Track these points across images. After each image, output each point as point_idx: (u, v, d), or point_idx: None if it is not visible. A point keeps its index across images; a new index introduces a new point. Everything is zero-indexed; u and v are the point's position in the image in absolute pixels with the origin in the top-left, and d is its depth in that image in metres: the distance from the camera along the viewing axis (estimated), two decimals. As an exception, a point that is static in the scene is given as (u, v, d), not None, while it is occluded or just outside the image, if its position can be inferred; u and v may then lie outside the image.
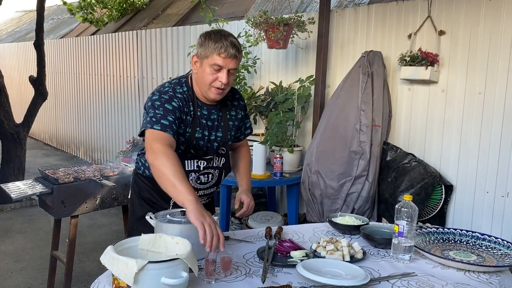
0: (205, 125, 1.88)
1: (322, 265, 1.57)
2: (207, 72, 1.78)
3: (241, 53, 1.84)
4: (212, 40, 1.76)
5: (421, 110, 3.26)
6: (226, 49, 1.74)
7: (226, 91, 1.85)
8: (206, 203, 2.02)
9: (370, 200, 3.18)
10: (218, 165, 1.97)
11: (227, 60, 1.75)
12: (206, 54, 1.77)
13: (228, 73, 1.78)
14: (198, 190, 1.94)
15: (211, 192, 2.03)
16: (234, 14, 5.25)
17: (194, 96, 1.87)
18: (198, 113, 1.86)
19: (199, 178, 1.92)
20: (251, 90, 4.30)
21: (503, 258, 1.72)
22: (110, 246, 1.37)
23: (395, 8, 3.34)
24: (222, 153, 1.97)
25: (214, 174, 1.97)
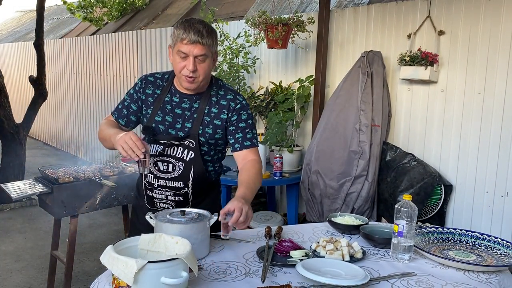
0: (170, 111, 1.89)
1: (321, 265, 1.57)
2: (176, 61, 1.81)
3: (209, 39, 1.78)
4: (177, 28, 1.79)
5: (421, 110, 3.26)
6: (188, 35, 1.74)
7: (199, 80, 1.82)
8: (176, 201, 1.93)
9: (370, 200, 3.19)
10: (182, 157, 1.89)
11: (190, 46, 1.75)
12: (173, 43, 1.81)
13: (196, 60, 1.78)
14: (159, 178, 1.92)
15: (177, 188, 1.91)
16: (234, 14, 5.26)
17: (170, 83, 1.93)
18: (166, 98, 1.91)
19: (156, 164, 1.91)
20: (251, 90, 4.31)
21: (503, 257, 1.72)
22: (110, 246, 1.37)
23: (394, 8, 3.34)
24: (191, 146, 1.88)
25: (176, 165, 1.89)
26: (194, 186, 1.93)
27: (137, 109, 1.95)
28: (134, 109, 1.95)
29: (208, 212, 1.76)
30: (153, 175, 1.93)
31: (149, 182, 1.95)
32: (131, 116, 1.96)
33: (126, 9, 7.71)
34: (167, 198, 1.94)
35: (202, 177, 1.93)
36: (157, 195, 1.95)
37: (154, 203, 1.97)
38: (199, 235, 1.65)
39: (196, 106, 1.91)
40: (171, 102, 1.91)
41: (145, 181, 1.97)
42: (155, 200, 1.96)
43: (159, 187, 1.93)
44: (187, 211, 1.74)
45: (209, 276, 1.53)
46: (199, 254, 1.63)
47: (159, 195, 1.94)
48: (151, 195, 1.96)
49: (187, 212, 1.74)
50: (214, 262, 1.65)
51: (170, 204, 1.95)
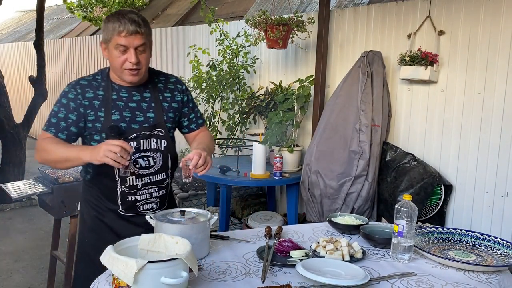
0: (124, 107, 1.82)
1: (321, 265, 1.57)
2: (115, 55, 1.74)
3: (146, 28, 1.76)
4: (110, 22, 1.72)
5: (421, 110, 3.26)
6: (125, 26, 1.68)
7: (142, 71, 1.79)
8: (160, 196, 1.92)
9: (370, 200, 3.19)
10: (158, 147, 1.87)
11: (129, 38, 1.70)
12: (108, 38, 1.73)
13: (137, 51, 1.73)
14: (142, 176, 1.85)
15: (161, 180, 1.90)
16: (234, 14, 5.26)
17: (108, 81, 1.84)
18: (113, 97, 1.82)
19: (137, 162, 1.83)
20: (250, 90, 4.31)
21: (503, 257, 1.72)
22: (110, 246, 1.37)
23: (394, 8, 3.34)
24: (161, 135, 1.87)
25: (156, 157, 1.87)
26: (171, 174, 1.96)
27: (77, 119, 1.79)
28: (73, 119, 1.78)
29: (208, 212, 1.76)
30: (135, 175, 1.83)
31: (131, 186, 1.84)
32: (71, 128, 1.79)
33: (126, 9, 7.71)
34: (152, 196, 1.89)
35: (176, 162, 1.97)
36: (141, 196, 1.87)
37: (137, 208, 1.87)
38: (199, 235, 1.65)
39: (148, 96, 1.88)
40: (120, 98, 1.83)
41: (122, 188, 1.84)
42: (138, 204, 1.87)
43: (143, 187, 1.86)
44: (187, 211, 1.74)
45: (209, 276, 1.53)
46: (199, 254, 1.63)
47: (143, 195, 1.87)
48: (133, 200, 1.86)
49: (187, 212, 1.74)
50: (214, 262, 1.65)
51: (154, 202, 1.90)
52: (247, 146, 3.79)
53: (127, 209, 1.87)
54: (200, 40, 5.12)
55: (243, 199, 4.20)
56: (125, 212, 1.87)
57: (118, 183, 1.83)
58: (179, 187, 4.32)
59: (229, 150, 4.32)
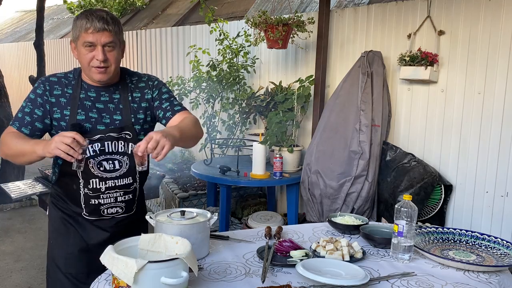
0: (91, 107, 1.78)
1: (321, 265, 1.57)
2: (82, 53, 1.71)
3: (115, 26, 1.72)
4: (78, 20, 1.70)
5: (421, 110, 3.26)
6: (92, 23, 1.66)
7: (111, 70, 1.76)
8: (126, 201, 1.86)
9: (370, 200, 3.19)
10: (125, 151, 1.81)
11: (96, 35, 1.67)
12: (76, 35, 1.71)
13: (105, 49, 1.70)
14: (106, 179, 1.79)
15: (127, 185, 1.84)
16: (234, 14, 5.26)
17: (79, 80, 1.81)
18: (81, 95, 1.78)
19: (101, 164, 1.78)
20: (250, 90, 4.30)
21: (503, 257, 1.72)
22: (110, 246, 1.37)
23: (394, 8, 3.34)
24: (128, 138, 1.81)
25: (122, 161, 1.81)
26: (140, 179, 1.90)
27: (42, 115, 1.76)
28: (39, 114, 1.76)
29: (208, 212, 1.76)
30: (98, 178, 1.78)
31: (94, 189, 1.79)
32: (36, 123, 1.76)
33: (126, 9, 7.72)
34: (117, 200, 1.83)
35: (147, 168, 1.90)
36: (105, 200, 1.81)
37: (101, 211, 1.83)
38: (199, 235, 1.65)
39: (117, 97, 1.83)
40: (88, 98, 1.79)
41: (85, 191, 1.79)
42: (102, 207, 1.82)
43: (107, 191, 1.80)
44: (187, 211, 1.74)
45: (209, 276, 1.53)
46: (199, 254, 1.63)
47: (107, 199, 1.82)
48: (96, 203, 1.81)
49: (187, 212, 1.74)
50: (214, 262, 1.65)
51: (119, 207, 1.85)
52: (247, 146, 3.79)
53: (91, 212, 1.82)
54: (200, 40, 5.12)
55: (243, 199, 4.20)
56: (89, 215, 1.82)
57: (81, 185, 1.78)
58: (179, 187, 4.32)
59: (229, 150, 4.31)
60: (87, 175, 1.77)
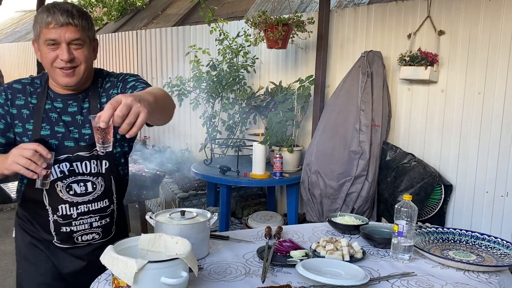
0: (57, 120, 1.53)
1: (321, 265, 1.57)
2: (45, 53, 1.47)
3: (83, 20, 1.47)
4: (40, 13, 1.46)
5: (421, 110, 3.26)
6: (54, 17, 1.42)
7: (80, 71, 1.50)
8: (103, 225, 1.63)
9: (370, 200, 3.19)
10: (99, 170, 1.56)
11: (59, 30, 1.43)
12: (37, 33, 1.47)
13: (71, 47, 1.46)
14: (77, 204, 1.54)
15: (103, 208, 1.61)
16: (234, 14, 5.25)
17: (46, 87, 1.56)
18: (46, 106, 1.54)
19: (70, 187, 1.53)
20: (250, 90, 4.30)
21: (503, 257, 1.72)
22: (110, 246, 1.37)
23: (394, 8, 3.34)
24: (101, 155, 1.56)
25: (96, 182, 1.57)
26: (117, 199, 1.67)
27: (4, 128, 1.52)
28: (0, 127, 1.52)
29: (208, 212, 1.76)
30: (68, 203, 1.54)
31: (64, 215, 1.55)
32: None
33: (126, 9, 7.72)
34: (92, 226, 1.60)
35: (121, 186, 1.69)
36: (78, 227, 1.58)
37: (74, 239, 1.59)
38: (199, 235, 1.65)
39: (86, 106, 1.57)
40: (54, 109, 1.54)
41: (54, 218, 1.55)
42: (75, 235, 1.58)
43: (80, 216, 1.56)
44: (187, 211, 1.74)
45: (209, 276, 1.53)
46: (199, 254, 1.63)
47: (81, 226, 1.58)
48: (68, 231, 1.57)
49: (187, 212, 1.74)
50: (214, 262, 1.65)
51: (95, 232, 1.62)
52: (247, 146, 3.79)
53: (63, 240, 1.59)
54: (200, 40, 5.12)
55: (243, 199, 4.21)
56: (60, 243, 1.59)
57: (49, 211, 1.54)
58: (179, 187, 4.32)
59: (229, 150, 4.32)
60: (54, 201, 1.53)
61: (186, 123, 5.42)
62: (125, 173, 1.73)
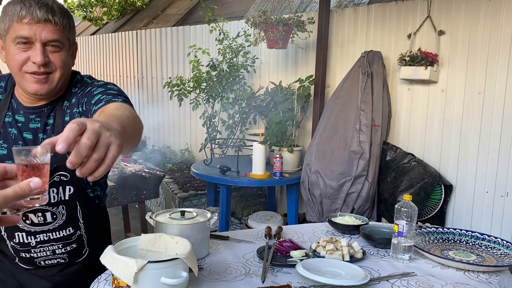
0: (16, 138, 1.30)
1: (321, 265, 1.57)
2: (12, 53, 1.21)
3: (67, 19, 1.25)
4: (10, 6, 1.20)
5: (421, 110, 3.26)
6: (30, 10, 1.17)
7: (55, 78, 1.25)
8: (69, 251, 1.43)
9: (370, 200, 3.19)
10: (60, 198, 1.34)
11: (34, 27, 1.18)
12: (5, 28, 1.21)
13: (47, 48, 1.22)
14: (35, 234, 1.35)
15: (66, 236, 1.41)
16: (234, 14, 5.25)
17: (9, 96, 1.33)
18: (6, 119, 1.31)
19: (26, 216, 1.32)
20: (251, 90, 4.31)
21: (503, 258, 1.72)
22: (110, 246, 1.37)
23: (394, 8, 3.34)
24: (65, 180, 1.32)
25: (56, 212, 1.35)
26: (86, 224, 1.45)
27: None
28: None
29: (208, 212, 1.76)
30: (25, 232, 1.35)
31: (21, 243, 1.37)
32: None
33: (126, 9, 7.72)
34: (55, 253, 1.43)
35: (91, 208, 1.46)
36: (38, 253, 1.41)
37: (37, 263, 1.43)
38: (199, 235, 1.65)
39: (51, 123, 1.32)
40: (15, 124, 1.30)
41: (12, 244, 1.37)
42: (37, 260, 1.42)
43: (39, 245, 1.38)
44: (187, 211, 1.74)
45: (209, 276, 1.53)
46: (199, 254, 1.63)
47: (41, 253, 1.41)
48: (28, 257, 1.41)
49: (187, 212, 1.74)
50: (214, 262, 1.65)
51: (60, 258, 1.45)
52: (247, 146, 3.79)
53: (25, 262, 1.43)
54: (200, 40, 5.12)
55: (243, 199, 4.21)
56: (23, 264, 1.43)
57: (5, 236, 1.37)
58: (179, 187, 4.32)
59: (229, 150, 4.31)
60: (9, 229, 1.35)
61: (186, 123, 5.42)
62: (96, 196, 1.48)
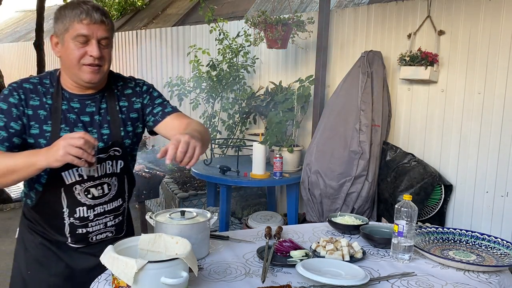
0: (76, 121, 1.53)
1: (321, 265, 1.57)
2: (71, 49, 1.46)
3: (111, 20, 1.53)
4: (68, 9, 1.45)
5: (421, 110, 3.26)
6: (88, 13, 1.43)
7: (104, 69, 1.53)
8: (116, 224, 1.68)
9: (370, 200, 3.19)
10: (114, 170, 1.59)
11: (92, 27, 1.44)
12: (65, 27, 1.45)
13: (100, 45, 1.48)
14: (94, 206, 1.57)
15: (116, 207, 1.66)
16: (234, 14, 5.25)
17: (58, 88, 1.54)
18: (63, 107, 1.52)
19: (88, 191, 1.55)
20: (251, 90, 4.31)
21: (503, 258, 1.72)
22: (110, 246, 1.37)
23: (394, 8, 3.34)
24: (118, 155, 1.58)
25: (111, 183, 1.60)
26: (128, 197, 1.72)
27: (20, 129, 1.47)
28: (16, 129, 1.46)
29: (208, 212, 1.76)
30: (86, 206, 1.56)
31: (81, 218, 1.57)
32: (14, 139, 1.46)
33: (126, 9, 7.72)
34: (106, 225, 1.64)
35: (133, 183, 1.73)
36: (94, 227, 1.61)
37: (89, 239, 1.62)
38: (199, 235, 1.65)
39: (104, 107, 1.59)
40: (71, 109, 1.53)
41: (71, 220, 1.56)
42: (91, 235, 1.62)
43: (96, 218, 1.60)
44: (187, 211, 1.74)
45: (209, 276, 1.53)
46: (199, 254, 1.63)
47: (96, 226, 1.61)
48: (84, 232, 1.60)
49: (187, 212, 1.74)
50: (214, 262, 1.65)
51: (109, 231, 1.67)
52: (247, 146, 3.79)
53: (77, 241, 1.61)
54: (200, 40, 5.12)
55: (243, 199, 4.21)
56: (74, 244, 1.61)
57: (65, 215, 1.55)
58: (179, 187, 4.32)
59: (229, 150, 4.31)
60: (72, 204, 1.54)
61: (186, 123, 5.41)
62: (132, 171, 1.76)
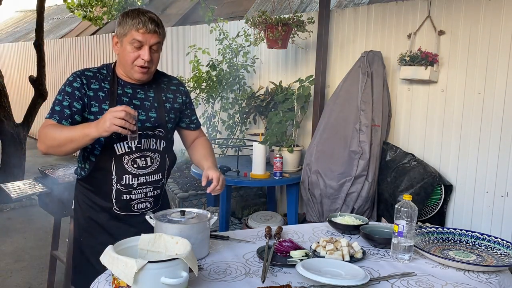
0: (128, 103, 1.82)
1: (321, 265, 1.57)
2: (127, 51, 1.76)
3: (163, 30, 1.81)
4: (129, 17, 1.74)
5: (421, 110, 3.26)
6: (145, 24, 1.72)
7: (152, 70, 1.83)
8: (155, 196, 1.93)
9: (370, 200, 3.19)
10: (157, 148, 1.88)
11: (146, 35, 1.73)
12: (124, 32, 1.75)
13: (151, 50, 1.76)
14: (138, 176, 1.84)
15: (157, 181, 1.91)
16: (234, 14, 5.25)
17: (114, 76, 1.84)
18: (118, 91, 1.82)
19: (135, 161, 1.83)
20: (251, 90, 4.31)
21: (503, 258, 1.72)
22: (110, 246, 1.37)
23: (394, 8, 3.34)
24: (161, 135, 1.88)
25: (153, 157, 1.87)
26: (167, 174, 1.97)
27: (81, 108, 1.77)
28: (78, 107, 1.76)
29: (208, 212, 1.76)
30: (131, 175, 1.83)
31: (126, 185, 1.83)
32: (75, 116, 1.76)
33: (126, 9, 7.72)
34: (146, 195, 1.89)
35: (172, 163, 1.99)
36: (136, 195, 1.87)
37: (131, 206, 1.87)
38: (199, 235, 1.65)
39: (152, 95, 1.89)
40: (125, 94, 1.84)
41: (117, 186, 1.83)
42: (133, 203, 1.87)
43: (139, 186, 1.86)
44: (187, 211, 1.74)
45: (209, 276, 1.53)
46: (199, 254, 1.63)
47: (138, 195, 1.87)
48: (128, 199, 1.85)
49: (187, 212, 1.74)
50: (214, 262, 1.65)
51: (148, 202, 1.91)
52: (247, 146, 3.79)
53: (121, 208, 1.86)
54: (200, 40, 5.12)
55: (243, 199, 4.21)
56: (119, 210, 1.86)
57: (114, 181, 1.81)
58: (179, 187, 4.32)
59: (229, 150, 4.31)
60: (121, 172, 1.81)
61: (186, 123, 5.41)
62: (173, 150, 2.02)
